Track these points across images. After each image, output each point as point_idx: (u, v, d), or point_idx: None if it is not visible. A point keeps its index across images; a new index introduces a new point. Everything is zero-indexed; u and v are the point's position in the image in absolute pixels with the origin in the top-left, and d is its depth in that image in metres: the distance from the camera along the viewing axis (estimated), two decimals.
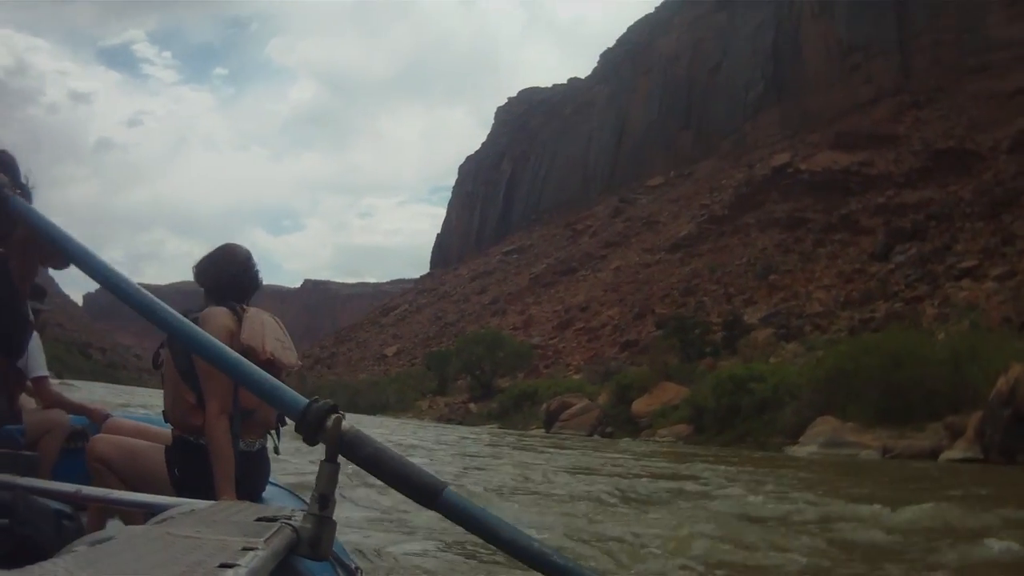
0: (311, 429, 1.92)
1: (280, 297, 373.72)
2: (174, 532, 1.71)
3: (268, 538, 1.67)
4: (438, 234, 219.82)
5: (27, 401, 5.32)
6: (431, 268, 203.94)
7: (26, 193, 3.29)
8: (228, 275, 4.37)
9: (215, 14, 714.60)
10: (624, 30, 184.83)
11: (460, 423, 65.97)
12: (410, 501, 2.16)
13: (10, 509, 3.05)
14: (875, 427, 27.24)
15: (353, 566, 3.20)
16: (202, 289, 4.45)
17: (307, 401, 1.97)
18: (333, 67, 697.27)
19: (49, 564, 1.34)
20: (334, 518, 1.90)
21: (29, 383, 5.26)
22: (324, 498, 1.88)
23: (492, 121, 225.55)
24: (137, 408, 15.99)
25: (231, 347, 3.49)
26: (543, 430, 49.47)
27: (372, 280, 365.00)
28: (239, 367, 2.27)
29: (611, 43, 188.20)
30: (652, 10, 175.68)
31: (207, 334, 2.49)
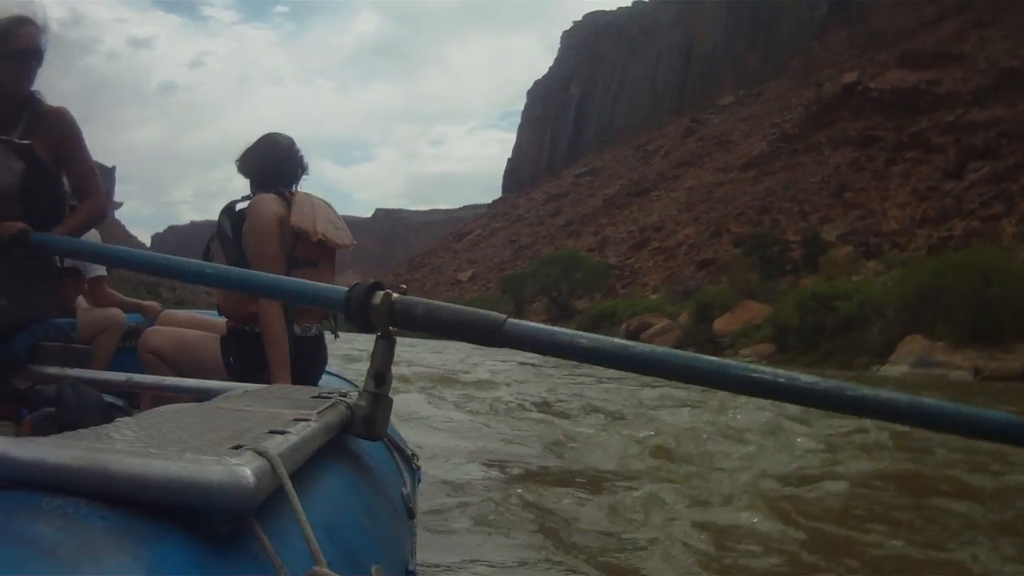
0: (359, 314, 1.90)
1: (352, 227, 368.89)
2: (224, 406, 1.72)
3: (321, 411, 1.66)
4: (509, 159, 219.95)
5: (82, 302, 5.38)
6: (503, 193, 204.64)
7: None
8: (273, 162, 4.28)
9: None
10: None
11: None
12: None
13: (58, 399, 3.13)
14: (965, 347, 26.29)
15: (409, 451, 3.18)
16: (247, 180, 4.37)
17: (345, 289, 1.97)
18: None
19: (89, 431, 1.34)
20: (390, 396, 1.86)
21: (86, 285, 5.36)
22: (379, 376, 1.85)
23: (559, 45, 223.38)
24: None
25: (281, 232, 3.95)
26: None
27: (445, 207, 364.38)
28: (268, 283, 2.32)
29: None
30: None
31: (237, 270, 2.57)
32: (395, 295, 1.90)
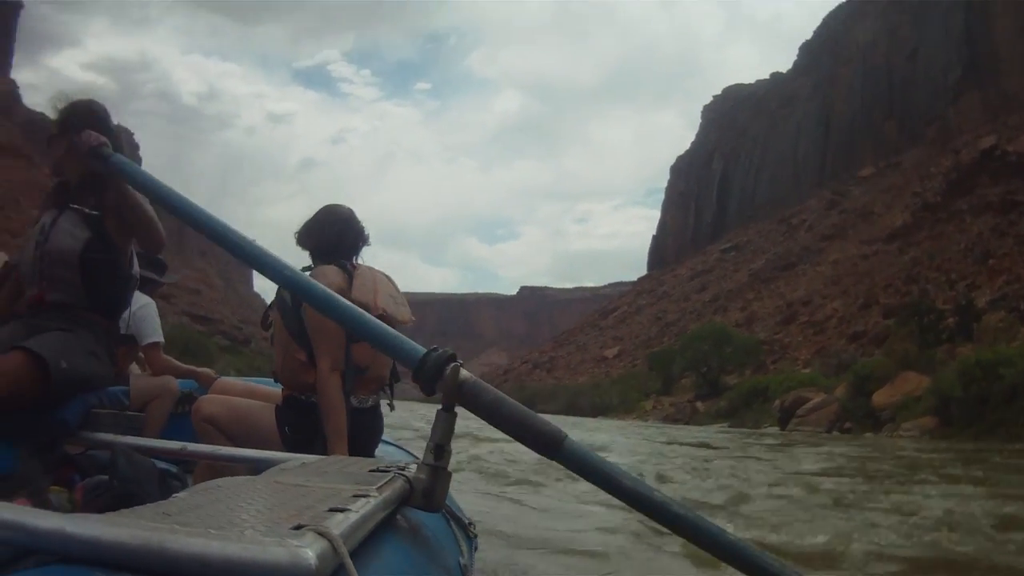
0: (429, 378, 1.92)
1: (497, 304, 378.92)
2: (282, 480, 1.73)
3: (380, 486, 1.67)
4: (654, 235, 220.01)
5: (136, 368, 5.70)
6: (649, 270, 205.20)
7: (116, 142, 3.67)
8: (332, 233, 4.32)
9: (411, 30, 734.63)
10: (820, 21, 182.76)
11: (687, 423, 62.09)
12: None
13: (111, 466, 3.19)
14: None
15: (467, 520, 3.21)
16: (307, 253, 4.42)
17: (425, 350, 1.99)
18: (538, 76, 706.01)
19: (145, 507, 1.34)
20: (449, 469, 1.89)
21: (141, 353, 5.56)
22: (439, 448, 1.87)
23: (700, 120, 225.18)
24: None
25: None
26: (777, 428, 46.04)
27: (590, 284, 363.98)
28: (354, 316, 2.31)
29: (809, 35, 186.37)
30: None
31: (320, 285, 2.54)
32: (466, 374, 1.94)
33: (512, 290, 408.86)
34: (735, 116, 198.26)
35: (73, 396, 3.57)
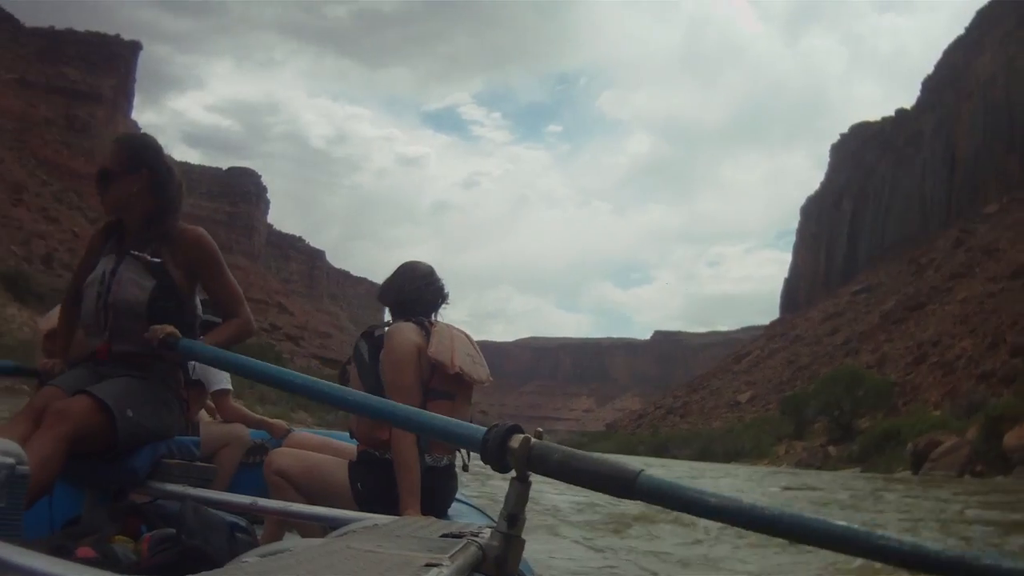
0: (496, 457, 1.92)
1: (631, 349, 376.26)
2: (354, 546, 1.70)
3: (453, 554, 1.63)
4: (786, 278, 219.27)
5: (205, 416, 5.66)
6: (781, 313, 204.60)
7: (169, 177, 3.80)
8: (410, 290, 4.34)
9: (541, 72, 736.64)
10: (940, 55, 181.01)
11: (819, 468, 62.75)
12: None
13: (179, 519, 3.25)
14: None
15: None
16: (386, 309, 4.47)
17: (484, 430, 1.99)
18: (668, 118, 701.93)
19: (212, 573, 1.31)
20: (523, 537, 1.87)
21: (210, 401, 5.61)
22: (513, 517, 1.86)
23: (828, 159, 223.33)
24: None
25: (418, 362, 4.07)
26: (909, 471, 45.44)
27: (723, 328, 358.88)
28: (407, 415, 2.36)
29: (930, 69, 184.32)
30: (963, 31, 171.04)
31: (373, 397, 2.61)
32: (534, 440, 1.91)
33: (646, 334, 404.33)
34: (863, 155, 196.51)
35: (142, 445, 3.56)
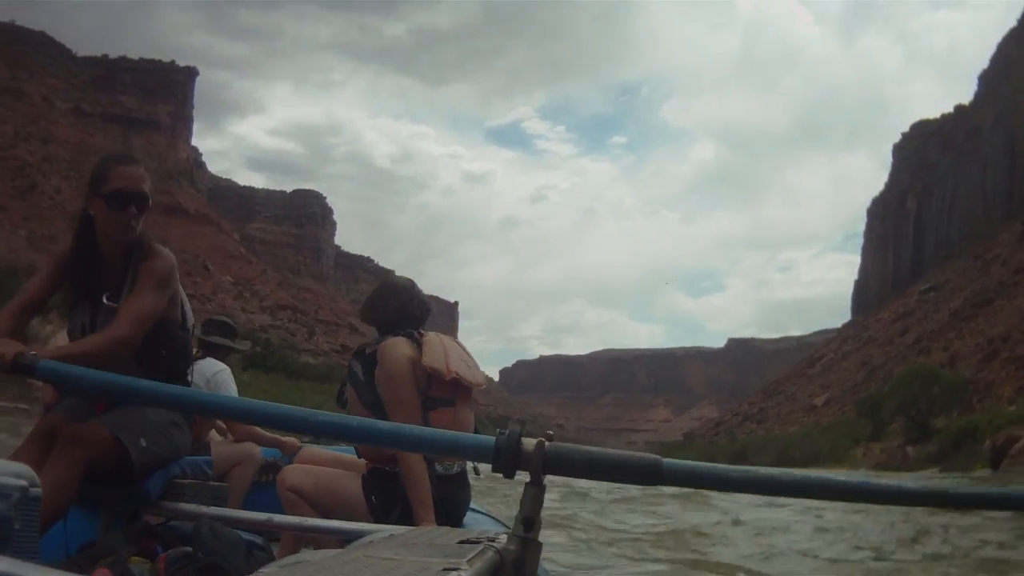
0: (509, 463, 1.87)
1: (705, 358, 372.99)
2: (371, 554, 1.69)
3: (470, 559, 1.62)
4: (856, 280, 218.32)
5: (216, 436, 5.70)
6: (852, 315, 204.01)
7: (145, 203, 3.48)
8: (396, 306, 4.31)
9: (602, 84, 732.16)
10: (994, 49, 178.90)
11: (897, 469, 62.68)
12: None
13: (195, 537, 3.27)
14: None
15: None
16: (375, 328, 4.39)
17: (493, 439, 1.92)
18: (730, 124, 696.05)
19: None
20: (540, 541, 1.84)
21: (220, 422, 5.61)
22: (529, 520, 1.82)
23: (890, 159, 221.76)
24: None
25: (414, 374, 4.07)
26: (988, 469, 45.21)
27: (796, 333, 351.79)
28: (415, 437, 2.25)
29: (986, 63, 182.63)
30: (1015, 23, 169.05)
31: (374, 422, 2.42)
32: (547, 442, 1.87)
33: (719, 342, 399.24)
34: (924, 153, 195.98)
35: (156, 469, 3.58)
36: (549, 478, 1.84)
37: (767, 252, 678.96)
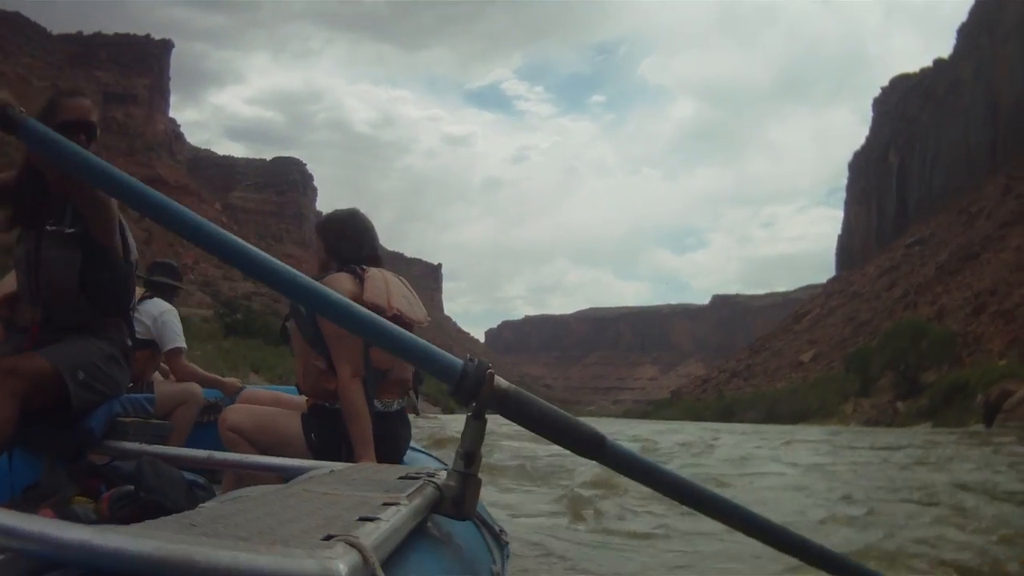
0: (469, 391, 1.84)
1: (691, 315, 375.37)
2: (311, 489, 1.69)
3: (410, 494, 1.63)
4: (839, 235, 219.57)
5: (159, 376, 5.75)
6: (837, 270, 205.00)
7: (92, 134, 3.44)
8: (349, 241, 4.26)
9: (580, 43, 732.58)
10: (972, 2, 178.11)
11: (888, 425, 62.02)
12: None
13: (137, 476, 3.23)
14: None
15: (497, 527, 3.11)
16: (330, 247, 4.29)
17: (462, 361, 1.88)
18: (711, 81, 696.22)
19: (171, 518, 1.32)
20: (479, 476, 1.84)
21: (163, 362, 5.66)
22: (469, 455, 1.81)
23: (871, 114, 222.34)
24: None
25: None
26: (982, 425, 43.65)
27: (781, 289, 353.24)
28: (389, 330, 2.02)
29: (964, 16, 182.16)
30: None
31: (347, 301, 2.10)
32: (506, 383, 1.87)
33: (704, 299, 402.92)
34: (904, 107, 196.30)
35: (96, 405, 3.55)
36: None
37: (750, 208, 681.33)
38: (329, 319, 2.22)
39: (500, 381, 1.85)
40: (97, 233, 3.57)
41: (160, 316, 5.71)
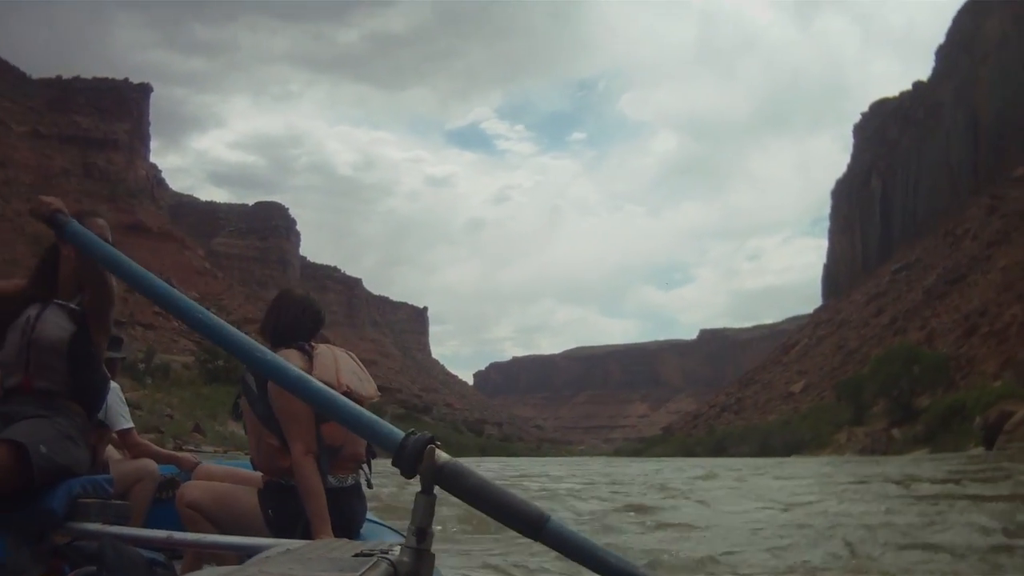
0: (410, 462, 1.89)
1: (679, 350, 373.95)
2: (267, 570, 1.69)
3: (364, 572, 1.64)
4: (825, 264, 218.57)
5: (114, 453, 5.64)
6: (824, 299, 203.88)
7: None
8: (289, 318, 4.31)
9: (559, 80, 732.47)
10: (950, 22, 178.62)
11: (884, 453, 60.84)
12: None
13: (99, 556, 3.29)
14: None
15: None
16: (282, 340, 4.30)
17: (404, 433, 1.96)
18: (691, 114, 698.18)
19: None
20: (432, 551, 1.86)
21: (115, 436, 5.60)
22: (421, 531, 1.84)
23: (852, 140, 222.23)
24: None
25: None
26: (982, 448, 43.48)
27: (768, 321, 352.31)
28: (334, 402, 2.25)
29: (942, 38, 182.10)
30: None
31: (295, 369, 2.42)
32: (445, 457, 1.90)
33: (692, 334, 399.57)
34: (885, 132, 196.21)
35: (56, 484, 3.60)
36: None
37: (735, 241, 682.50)
38: (287, 390, 2.48)
39: (440, 455, 1.90)
40: (93, 318, 3.92)
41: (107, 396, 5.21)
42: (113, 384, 5.55)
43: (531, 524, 1.89)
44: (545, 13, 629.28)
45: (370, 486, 4.33)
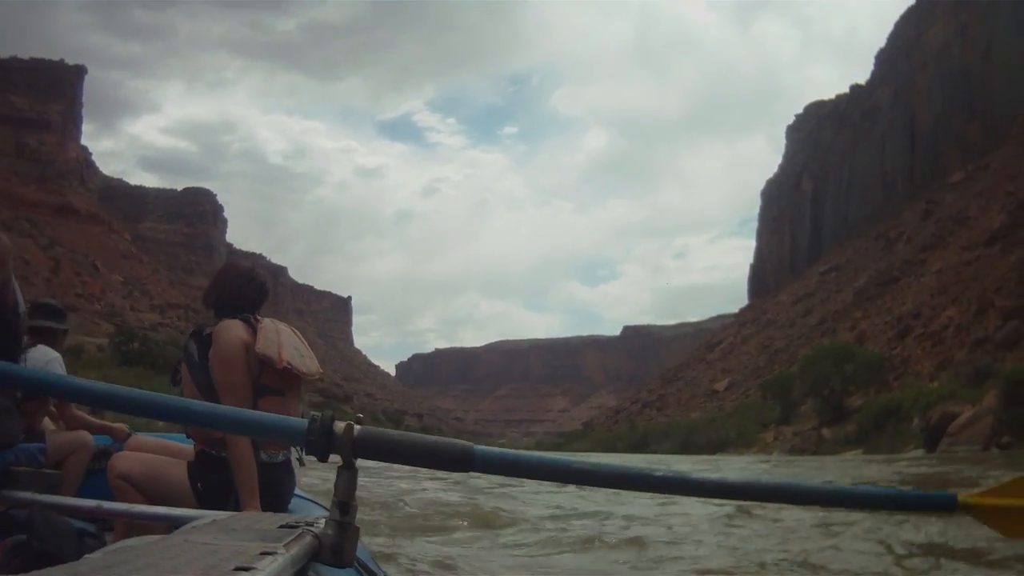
0: (321, 446, 1.92)
1: (602, 346, 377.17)
2: (192, 539, 1.73)
3: (288, 543, 1.67)
4: (752, 264, 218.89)
5: (50, 424, 5.59)
6: (750, 299, 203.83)
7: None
8: (232, 288, 4.34)
9: (492, 74, 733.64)
10: (892, 27, 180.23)
11: (814, 453, 59.76)
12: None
13: (28, 525, 3.27)
14: None
15: (381, 573, 3.26)
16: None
17: (306, 421, 1.97)
18: (623, 111, 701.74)
19: (57, 568, 1.34)
20: (356, 524, 1.91)
21: (52, 408, 5.58)
22: (344, 505, 1.89)
23: (785, 142, 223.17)
24: None
25: (247, 358, 4.03)
26: (922, 450, 42.11)
27: (693, 319, 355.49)
28: (229, 416, 2.31)
29: (883, 43, 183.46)
30: (913, 1, 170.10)
31: (193, 402, 2.55)
32: (357, 426, 1.94)
33: (616, 331, 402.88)
34: (819, 134, 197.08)
35: None
36: None
37: (662, 239, 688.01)
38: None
39: (354, 427, 1.94)
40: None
41: (47, 365, 5.43)
42: (55, 354, 5.62)
43: (461, 459, 1.96)
44: (481, 8, 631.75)
45: (302, 463, 4.26)
